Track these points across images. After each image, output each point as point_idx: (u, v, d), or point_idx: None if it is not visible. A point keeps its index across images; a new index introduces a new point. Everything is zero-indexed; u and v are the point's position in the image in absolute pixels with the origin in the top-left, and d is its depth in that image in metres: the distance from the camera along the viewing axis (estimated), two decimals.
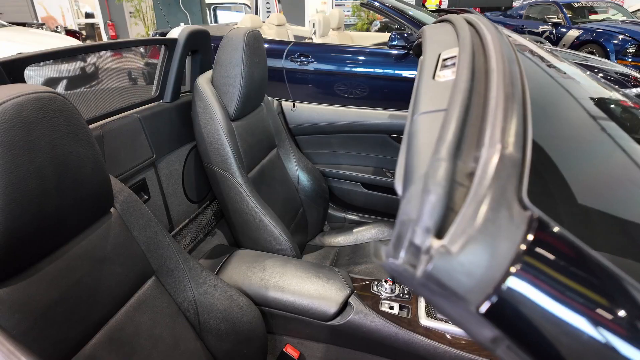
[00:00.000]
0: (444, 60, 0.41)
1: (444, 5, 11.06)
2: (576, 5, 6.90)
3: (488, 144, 0.25)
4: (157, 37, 3.35)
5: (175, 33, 1.19)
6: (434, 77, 0.38)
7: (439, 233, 0.23)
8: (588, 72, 0.99)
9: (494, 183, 0.23)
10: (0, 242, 0.53)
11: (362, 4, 3.07)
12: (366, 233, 1.60)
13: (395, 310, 0.98)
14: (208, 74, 1.24)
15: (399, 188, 0.29)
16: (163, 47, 1.18)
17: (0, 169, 0.51)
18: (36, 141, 0.55)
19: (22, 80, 0.80)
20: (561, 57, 1.02)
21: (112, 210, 0.77)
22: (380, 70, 2.90)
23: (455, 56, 0.41)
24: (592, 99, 0.75)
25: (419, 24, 2.82)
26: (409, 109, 0.39)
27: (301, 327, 1.02)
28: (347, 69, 2.99)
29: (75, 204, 0.64)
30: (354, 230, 1.62)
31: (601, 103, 0.76)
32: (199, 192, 1.37)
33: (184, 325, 0.87)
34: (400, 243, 0.23)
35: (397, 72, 2.85)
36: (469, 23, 0.53)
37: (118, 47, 1.03)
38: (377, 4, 2.92)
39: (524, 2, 10.15)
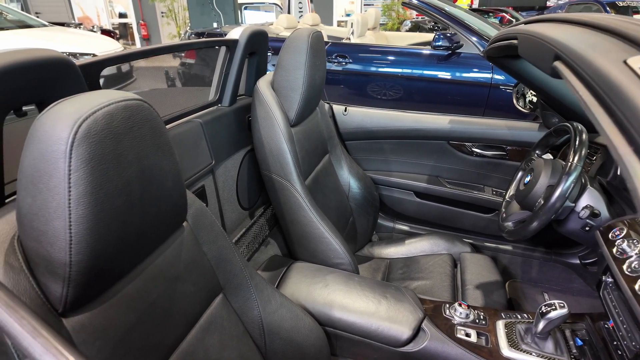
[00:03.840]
0: None
1: (475, 5, 10.76)
2: (621, 4, 6.57)
3: None
4: (215, 38, 3.35)
5: (235, 34, 1.14)
6: None
7: None
8: None
9: None
10: (85, 265, 0.48)
11: (403, 3, 3.00)
12: (419, 245, 1.51)
13: (473, 338, 0.89)
14: (268, 76, 1.18)
15: None
16: (224, 48, 1.12)
17: (91, 186, 0.46)
18: (124, 154, 0.50)
19: (97, 84, 0.76)
20: None
21: (184, 224, 0.72)
22: (421, 72, 2.81)
23: None
24: None
25: (462, 24, 2.71)
26: (616, 132, 0.31)
27: (369, 351, 0.95)
28: (388, 70, 2.90)
29: (156, 219, 0.58)
30: (406, 241, 1.54)
31: None
32: (250, 199, 1.32)
33: (250, 347, 0.81)
34: None
35: (438, 73, 2.75)
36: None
37: (183, 49, 0.98)
38: (416, 1, 2.83)
39: (560, 2, 9.73)
